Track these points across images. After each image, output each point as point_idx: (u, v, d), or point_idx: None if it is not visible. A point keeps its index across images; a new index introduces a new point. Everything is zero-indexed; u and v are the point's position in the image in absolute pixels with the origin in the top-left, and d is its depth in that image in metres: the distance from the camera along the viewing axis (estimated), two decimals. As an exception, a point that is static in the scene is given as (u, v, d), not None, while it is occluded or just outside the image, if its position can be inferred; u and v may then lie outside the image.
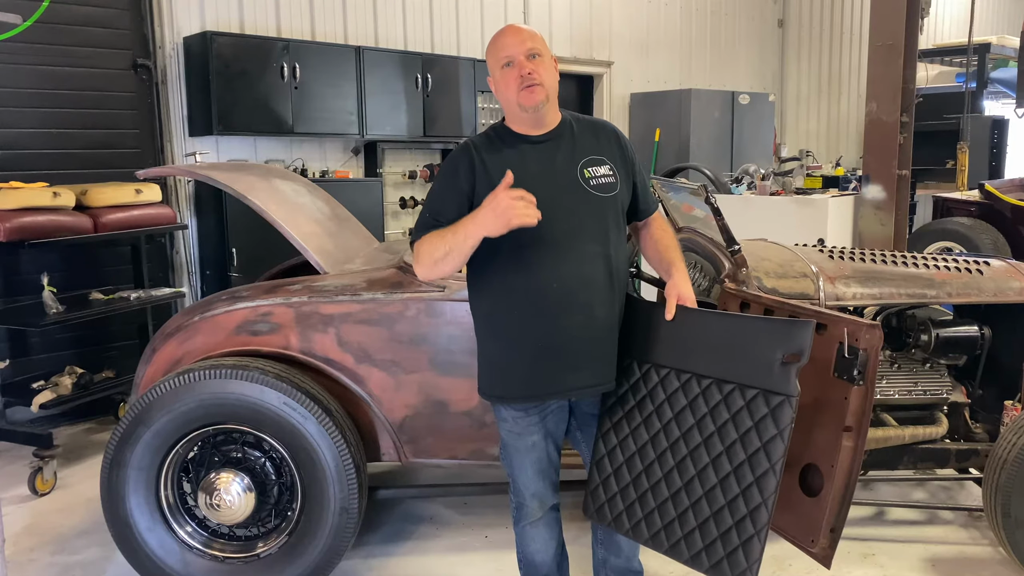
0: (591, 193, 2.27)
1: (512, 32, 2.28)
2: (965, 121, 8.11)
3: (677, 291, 2.29)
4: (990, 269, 3.28)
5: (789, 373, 2.03)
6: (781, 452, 2.03)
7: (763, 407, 2.07)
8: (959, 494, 3.78)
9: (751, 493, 2.07)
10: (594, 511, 2.43)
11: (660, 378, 2.29)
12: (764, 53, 10.75)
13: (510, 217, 2.05)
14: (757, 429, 2.07)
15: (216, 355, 2.99)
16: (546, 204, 2.17)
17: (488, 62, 2.31)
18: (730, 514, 2.11)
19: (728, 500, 2.11)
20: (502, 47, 2.25)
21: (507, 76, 2.24)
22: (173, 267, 5.63)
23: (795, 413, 2.03)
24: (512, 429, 2.38)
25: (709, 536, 2.14)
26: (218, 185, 3.27)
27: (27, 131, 4.88)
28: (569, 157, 2.29)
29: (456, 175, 2.26)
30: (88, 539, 3.45)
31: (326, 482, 2.81)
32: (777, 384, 2.05)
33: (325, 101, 5.97)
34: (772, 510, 2.05)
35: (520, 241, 2.17)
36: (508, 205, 2.05)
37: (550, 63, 2.28)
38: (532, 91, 2.21)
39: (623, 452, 2.35)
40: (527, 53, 2.22)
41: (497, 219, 2.06)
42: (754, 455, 2.08)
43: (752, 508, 2.07)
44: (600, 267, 2.27)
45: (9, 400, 4.21)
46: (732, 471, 2.11)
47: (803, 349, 2.02)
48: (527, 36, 2.26)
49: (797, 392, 2.02)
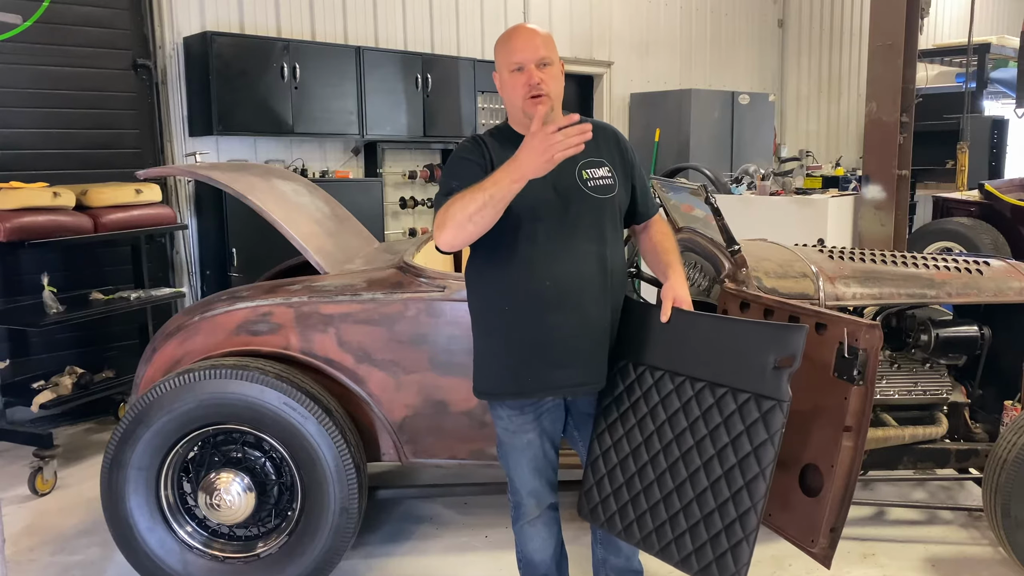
0: (589, 194, 2.27)
1: (526, 36, 2.25)
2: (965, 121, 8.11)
3: (673, 293, 2.30)
4: (990, 269, 3.28)
5: (781, 378, 2.03)
6: (771, 457, 2.03)
7: (755, 411, 2.07)
8: (959, 494, 3.78)
9: (741, 497, 2.07)
10: (588, 511, 2.43)
11: (655, 380, 2.29)
12: (764, 53, 10.75)
13: (553, 151, 1.94)
14: (748, 433, 2.07)
15: (216, 355, 2.99)
16: (543, 204, 2.17)
17: (497, 59, 2.30)
18: (720, 518, 2.11)
19: (718, 504, 2.11)
20: (514, 50, 2.23)
21: (515, 81, 2.23)
22: (173, 267, 5.63)
23: (786, 418, 2.02)
24: (507, 427, 2.39)
25: (699, 539, 2.14)
26: (218, 185, 3.27)
27: (27, 131, 4.88)
28: (569, 158, 2.28)
29: (472, 152, 2.26)
30: (88, 539, 3.45)
31: (326, 482, 2.81)
32: (769, 389, 2.05)
33: (325, 101, 5.97)
34: (761, 515, 2.04)
35: (516, 239, 2.19)
36: (547, 139, 1.93)
37: (558, 71, 2.27)
38: (539, 101, 2.20)
39: (617, 453, 2.35)
40: (538, 61, 2.21)
41: (540, 156, 1.95)
42: (744, 459, 2.07)
43: (741, 512, 2.07)
44: (595, 267, 2.27)
45: (9, 400, 4.21)
46: (723, 475, 2.11)
47: (795, 354, 2.02)
48: (540, 43, 2.23)
49: (788, 397, 2.02)
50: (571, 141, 1.95)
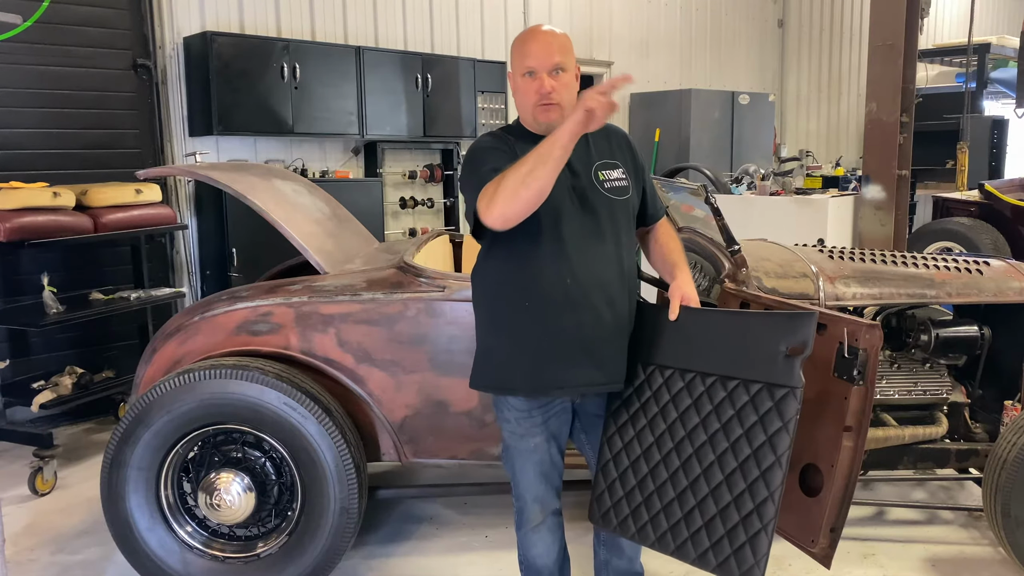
0: (606, 195, 2.28)
1: (542, 41, 2.22)
2: (965, 121, 8.11)
3: (681, 292, 2.30)
4: (990, 269, 3.28)
5: (793, 365, 2.03)
6: (787, 444, 2.03)
7: (768, 400, 2.07)
8: (959, 494, 3.78)
9: (757, 487, 2.07)
10: (599, 516, 2.41)
11: (664, 379, 2.29)
12: (764, 53, 10.75)
13: (588, 104, 1.91)
14: (762, 423, 2.07)
15: (216, 355, 2.99)
16: (563, 203, 2.18)
17: (512, 58, 2.29)
18: (736, 510, 2.10)
19: (734, 496, 2.11)
20: (528, 54, 2.22)
21: (528, 86, 2.22)
22: (173, 267, 5.63)
23: (800, 405, 2.03)
24: (514, 431, 2.37)
25: (716, 534, 2.13)
26: (218, 185, 3.27)
27: (27, 131, 4.87)
28: (584, 160, 2.29)
29: (497, 142, 2.26)
30: (88, 539, 3.45)
31: (326, 482, 2.81)
32: (781, 376, 2.05)
33: (325, 101, 5.97)
34: (779, 503, 2.04)
35: (538, 237, 2.19)
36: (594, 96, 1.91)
37: (572, 78, 2.25)
38: (548, 110, 2.21)
39: (628, 456, 2.34)
40: (551, 68, 2.19)
41: (578, 109, 1.94)
42: (759, 449, 2.07)
43: (759, 503, 2.06)
44: (613, 267, 2.28)
45: (9, 400, 4.21)
46: (738, 466, 2.10)
47: (806, 341, 2.02)
48: (556, 49, 2.21)
49: (802, 383, 2.02)
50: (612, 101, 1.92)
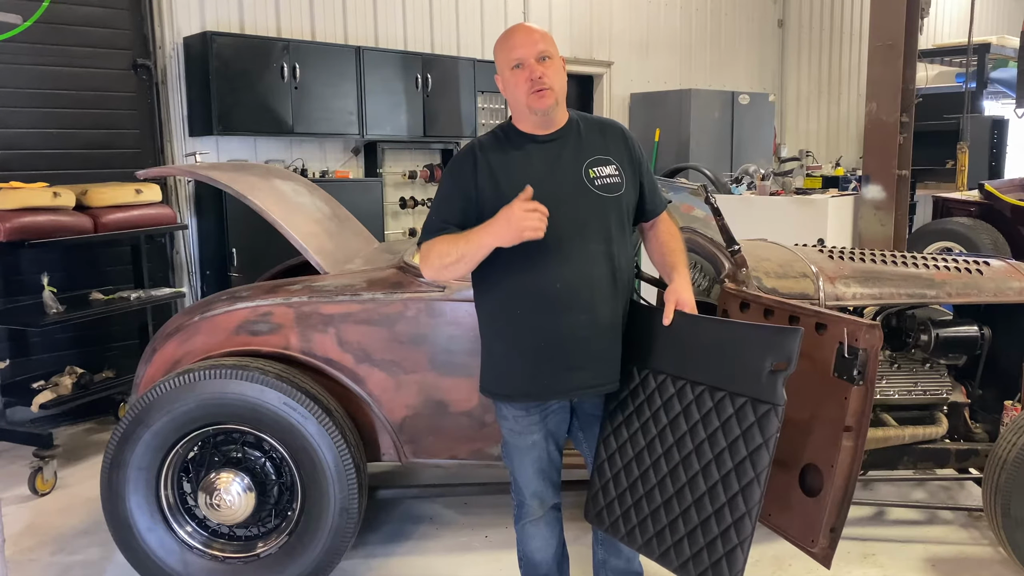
0: (595, 193, 2.27)
1: (523, 32, 2.27)
2: (965, 121, 8.11)
3: (676, 296, 2.29)
4: (990, 269, 3.28)
5: (776, 382, 2.02)
6: (766, 463, 2.02)
7: (751, 415, 2.06)
8: (959, 494, 3.77)
9: (736, 503, 2.07)
10: (594, 515, 2.43)
11: (657, 384, 2.29)
12: (764, 53, 10.75)
13: (522, 228, 2.09)
14: (744, 438, 2.07)
15: (216, 355, 2.99)
16: (550, 203, 2.17)
17: (497, 60, 2.30)
18: (716, 523, 2.11)
19: (715, 509, 2.11)
20: (512, 47, 2.24)
21: (517, 77, 2.24)
22: (173, 267, 5.63)
23: (780, 423, 2.02)
24: (513, 428, 2.39)
25: (696, 545, 2.14)
26: (218, 185, 3.27)
27: (27, 131, 4.87)
28: (574, 157, 2.29)
29: (461, 176, 2.28)
30: (88, 539, 3.45)
31: (326, 482, 2.81)
32: (764, 393, 2.04)
33: (325, 101, 5.97)
34: (755, 521, 2.04)
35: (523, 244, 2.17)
36: (521, 216, 2.08)
37: (559, 65, 2.27)
38: (542, 95, 2.22)
39: (621, 457, 2.35)
40: (538, 55, 2.22)
41: (510, 230, 2.10)
42: (740, 464, 2.07)
43: (736, 518, 2.07)
44: (603, 267, 2.27)
45: (9, 400, 4.21)
46: (719, 479, 2.11)
47: (791, 357, 2.01)
48: (538, 37, 2.25)
49: (783, 401, 2.01)
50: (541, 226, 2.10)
